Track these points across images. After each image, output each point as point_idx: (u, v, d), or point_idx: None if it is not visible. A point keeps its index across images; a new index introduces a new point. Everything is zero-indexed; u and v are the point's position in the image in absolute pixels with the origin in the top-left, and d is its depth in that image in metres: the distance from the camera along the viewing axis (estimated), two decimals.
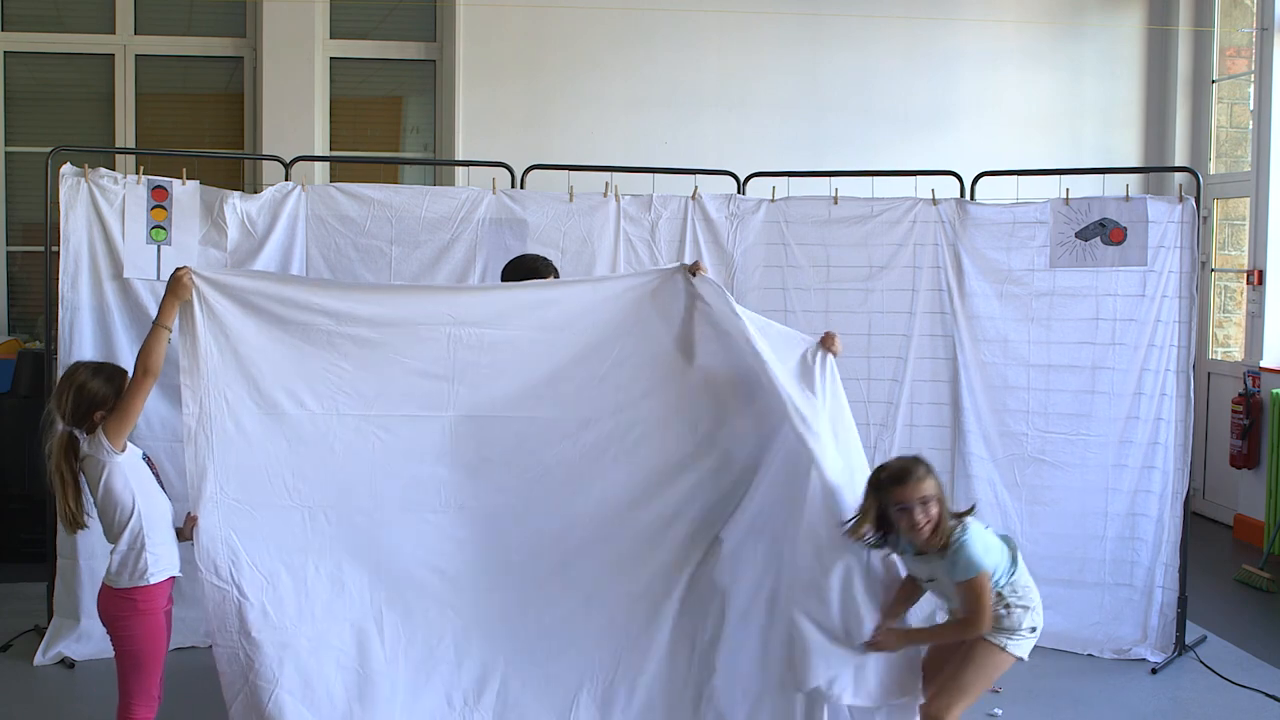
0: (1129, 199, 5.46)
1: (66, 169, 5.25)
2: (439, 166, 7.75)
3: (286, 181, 5.58)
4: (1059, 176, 5.70)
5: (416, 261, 5.55)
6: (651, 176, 5.98)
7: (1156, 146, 8.42)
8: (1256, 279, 7.61)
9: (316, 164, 7.44)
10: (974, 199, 5.79)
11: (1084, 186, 5.65)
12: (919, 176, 5.75)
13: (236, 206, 5.40)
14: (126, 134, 7.76)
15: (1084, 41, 8.32)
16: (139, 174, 5.31)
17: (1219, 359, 8.18)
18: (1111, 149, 8.31)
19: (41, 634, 5.22)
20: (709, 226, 5.78)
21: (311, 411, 3.92)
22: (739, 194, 5.93)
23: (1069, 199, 5.53)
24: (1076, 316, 5.54)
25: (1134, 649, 5.41)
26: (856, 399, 4.55)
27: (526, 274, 4.62)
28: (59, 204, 5.23)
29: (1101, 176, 5.86)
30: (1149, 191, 6.92)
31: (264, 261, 5.40)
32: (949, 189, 5.81)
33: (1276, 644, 5.68)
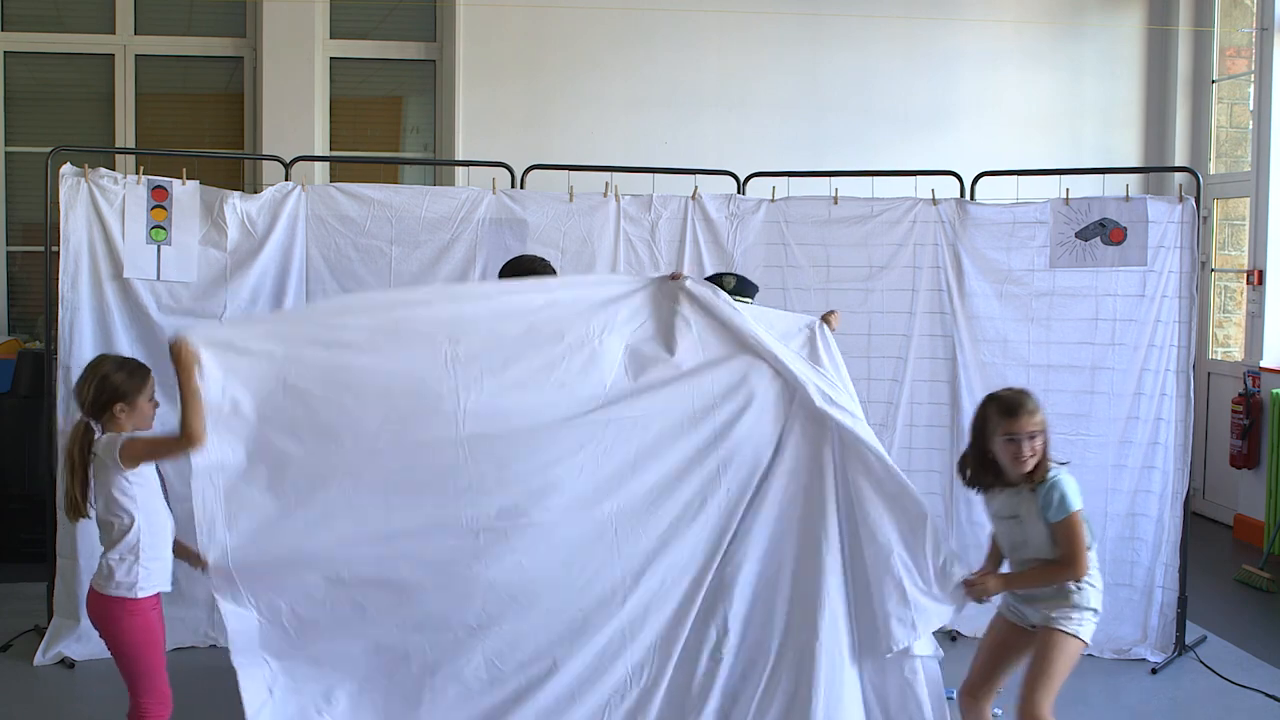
0: (1129, 199, 5.46)
1: (66, 169, 5.25)
2: (439, 166, 7.75)
3: (286, 181, 5.57)
4: (1059, 176, 5.70)
5: (416, 261, 5.55)
6: (651, 176, 5.97)
7: (1156, 146, 8.42)
8: (1256, 279, 7.61)
9: (316, 164, 7.44)
10: (974, 199, 5.79)
11: (1084, 186, 5.65)
12: (919, 176, 5.75)
13: (236, 206, 5.40)
14: (126, 134, 7.76)
15: (1084, 41, 8.32)
16: (139, 174, 5.31)
17: (1219, 359, 8.18)
18: (1111, 149, 8.31)
19: (41, 634, 5.22)
20: (709, 226, 5.78)
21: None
22: (739, 194, 5.93)
23: (1069, 199, 5.52)
24: (1076, 317, 5.54)
25: (1134, 649, 5.41)
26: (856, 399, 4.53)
27: (524, 275, 4.60)
28: (59, 204, 5.23)
29: (1101, 176, 5.85)
30: (1149, 191, 6.91)
31: (264, 261, 5.40)
32: (949, 189, 5.81)
33: (1276, 644, 5.68)
